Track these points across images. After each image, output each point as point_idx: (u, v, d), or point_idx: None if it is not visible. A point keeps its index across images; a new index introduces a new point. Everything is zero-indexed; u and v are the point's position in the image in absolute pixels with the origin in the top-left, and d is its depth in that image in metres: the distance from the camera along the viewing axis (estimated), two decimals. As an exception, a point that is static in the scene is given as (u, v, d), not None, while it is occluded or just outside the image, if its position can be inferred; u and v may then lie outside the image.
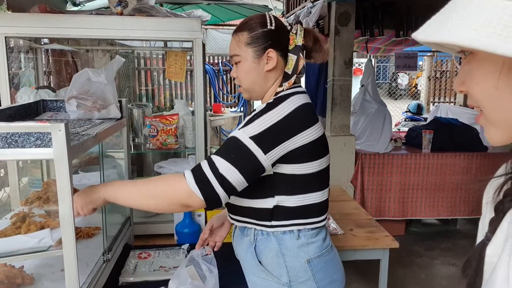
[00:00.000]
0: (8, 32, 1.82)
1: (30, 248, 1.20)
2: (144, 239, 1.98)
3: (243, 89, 1.39)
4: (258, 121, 1.21)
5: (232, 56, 1.36)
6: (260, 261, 1.32)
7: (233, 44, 1.35)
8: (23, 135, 1.10)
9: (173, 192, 1.22)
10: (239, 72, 1.35)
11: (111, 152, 2.02)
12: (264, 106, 1.26)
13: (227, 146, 1.23)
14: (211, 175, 1.17)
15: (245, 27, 1.33)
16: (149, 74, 5.72)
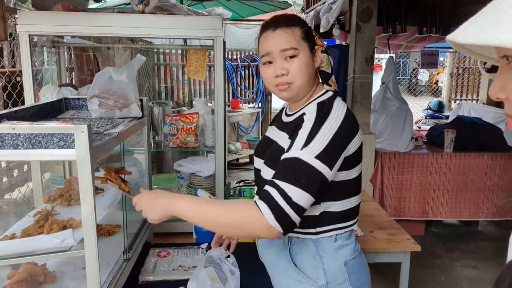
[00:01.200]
0: (31, 30, 1.83)
1: (53, 248, 1.21)
2: (164, 237, 1.98)
3: (295, 87, 1.25)
4: (318, 137, 1.15)
5: (284, 50, 1.23)
6: (295, 263, 1.29)
7: (286, 37, 1.23)
8: (46, 136, 1.10)
9: (252, 228, 1.14)
10: (294, 68, 1.23)
11: (132, 149, 2.02)
12: (315, 115, 1.20)
13: (294, 170, 1.15)
14: (287, 206, 1.11)
15: (294, 22, 1.26)
16: (168, 69, 5.74)
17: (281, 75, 1.24)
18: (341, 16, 4.08)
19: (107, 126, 1.47)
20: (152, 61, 4.97)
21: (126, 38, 2.70)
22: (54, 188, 1.81)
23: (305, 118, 1.22)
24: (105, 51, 3.23)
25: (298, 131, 1.19)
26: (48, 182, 2.02)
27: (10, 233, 1.35)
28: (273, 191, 1.13)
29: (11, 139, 1.09)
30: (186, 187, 2.14)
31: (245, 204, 1.17)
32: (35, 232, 1.30)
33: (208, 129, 2.06)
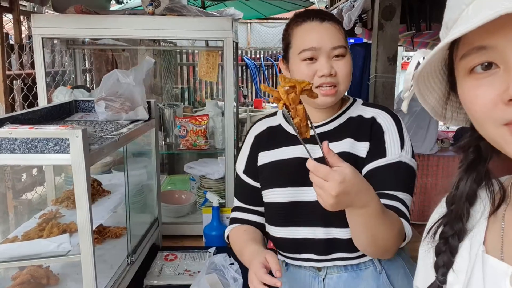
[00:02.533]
0: (44, 33, 1.85)
1: (50, 252, 1.21)
2: (173, 240, 1.98)
3: (340, 91, 1.09)
4: (406, 137, 1.10)
5: (335, 48, 1.06)
6: (394, 286, 1.13)
7: (336, 32, 1.08)
8: (42, 141, 1.10)
9: (399, 242, 1.01)
10: (343, 70, 1.07)
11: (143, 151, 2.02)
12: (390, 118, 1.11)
13: (402, 176, 1.07)
14: (409, 217, 1.04)
15: (336, 19, 1.11)
16: (191, 69, 5.77)
17: (329, 74, 1.05)
18: (364, 14, 3.98)
19: (110, 129, 1.46)
20: (175, 61, 5.00)
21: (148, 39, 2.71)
22: (64, 190, 1.83)
23: (379, 119, 1.11)
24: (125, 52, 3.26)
25: (382, 134, 1.09)
26: (62, 183, 2.04)
27: (14, 235, 1.36)
28: (399, 205, 1.03)
29: (8, 144, 1.10)
30: (197, 189, 2.13)
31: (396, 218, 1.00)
32: (36, 235, 1.30)
33: (218, 131, 2.04)
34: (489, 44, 0.49)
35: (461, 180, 0.64)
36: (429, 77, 0.59)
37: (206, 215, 1.93)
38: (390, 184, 1.05)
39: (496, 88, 0.49)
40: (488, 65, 0.50)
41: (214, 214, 1.88)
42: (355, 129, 1.13)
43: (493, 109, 0.50)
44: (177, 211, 2.07)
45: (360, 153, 1.10)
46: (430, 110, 0.64)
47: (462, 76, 0.54)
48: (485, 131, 0.54)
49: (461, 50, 0.53)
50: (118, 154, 2.17)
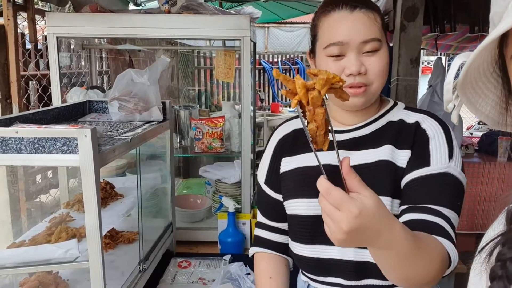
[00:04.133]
0: (59, 32, 1.82)
1: (57, 258, 1.15)
2: (187, 246, 1.91)
3: (372, 91, 0.95)
4: (456, 147, 0.95)
5: (367, 42, 0.92)
6: None
7: (369, 23, 0.92)
8: (49, 140, 1.05)
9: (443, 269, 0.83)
10: (375, 67, 0.93)
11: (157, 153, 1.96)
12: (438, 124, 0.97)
13: (449, 190, 0.91)
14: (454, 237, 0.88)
15: (372, 5, 0.94)
16: (208, 72, 5.74)
17: (358, 73, 0.92)
18: (385, 16, 3.87)
19: (122, 130, 1.40)
20: (192, 65, 4.98)
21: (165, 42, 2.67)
22: (77, 193, 1.78)
23: (425, 124, 0.97)
24: (141, 53, 3.22)
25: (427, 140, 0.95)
26: (76, 185, 2.00)
27: (22, 239, 1.31)
28: (443, 222, 0.87)
29: (15, 143, 1.05)
30: (212, 193, 2.06)
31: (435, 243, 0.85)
32: (44, 240, 1.25)
33: (235, 134, 1.97)
34: None
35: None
36: (478, 83, 0.51)
37: (222, 220, 1.85)
38: (433, 198, 0.89)
39: None
40: None
41: (229, 220, 1.81)
42: (396, 135, 0.98)
43: None
44: (191, 216, 2.00)
45: (399, 163, 0.96)
46: (484, 118, 0.55)
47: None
48: None
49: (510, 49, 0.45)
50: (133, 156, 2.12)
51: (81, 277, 1.43)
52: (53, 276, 1.35)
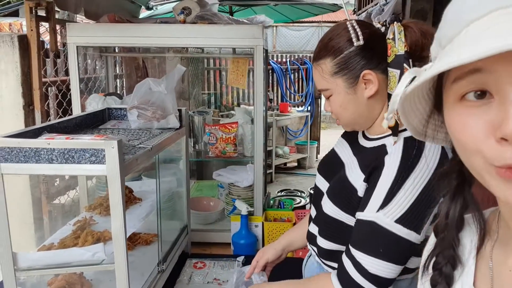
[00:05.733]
0: (78, 41, 1.90)
1: (85, 260, 1.23)
2: (201, 247, 1.98)
3: (343, 123, 1.13)
4: (402, 195, 0.94)
5: (320, 91, 1.12)
6: None
7: (317, 76, 1.10)
8: (79, 151, 1.12)
9: None
10: (334, 108, 1.09)
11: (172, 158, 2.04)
12: (399, 161, 0.97)
13: (368, 236, 0.98)
14: (361, 278, 0.97)
15: (325, 52, 1.05)
16: (218, 73, 5.80)
17: (329, 112, 1.13)
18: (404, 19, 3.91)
19: (143, 138, 1.48)
20: (202, 66, 5.05)
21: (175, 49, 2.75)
22: (97, 196, 1.86)
23: (387, 161, 0.99)
24: (154, 58, 3.30)
25: (377, 180, 0.98)
26: (94, 187, 2.08)
27: (50, 241, 1.39)
28: (347, 263, 1.01)
29: (46, 154, 1.12)
30: (225, 196, 2.13)
31: (322, 281, 1.07)
32: (71, 243, 1.33)
33: (247, 138, 2.03)
34: (484, 67, 0.45)
35: (450, 208, 0.61)
36: (414, 98, 0.55)
37: (235, 223, 1.93)
38: (354, 239, 1.01)
39: (488, 121, 0.45)
40: (482, 93, 0.46)
41: (242, 222, 1.88)
42: (368, 158, 1.06)
43: (483, 143, 0.46)
44: (205, 218, 2.08)
45: (357, 187, 1.05)
46: (411, 129, 0.61)
47: (452, 101, 0.50)
48: (470, 164, 0.50)
49: (453, 73, 0.49)
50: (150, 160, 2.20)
51: (103, 277, 1.50)
52: (78, 276, 1.43)
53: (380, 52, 1.02)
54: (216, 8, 2.06)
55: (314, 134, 6.59)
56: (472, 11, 0.46)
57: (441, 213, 0.63)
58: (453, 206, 0.61)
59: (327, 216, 1.12)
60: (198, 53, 2.87)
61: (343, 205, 1.08)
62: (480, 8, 0.45)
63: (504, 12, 0.44)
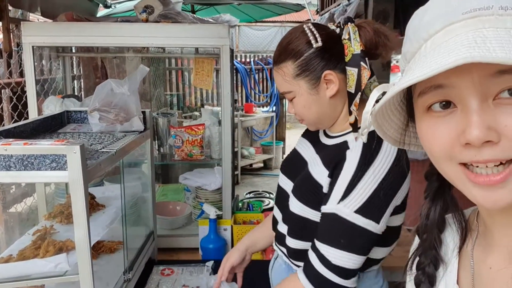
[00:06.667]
0: (35, 41, 1.80)
1: (47, 272, 1.16)
2: (169, 253, 1.93)
3: (308, 123, 1.16)
4: (361, 187, 0.98)
5: (282, 94, 1.15)
6: None
7: (279, 79, 1.11)
8: (38, 157, 1.06)
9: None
10: (298, 109, 1.12)
11: (136, 162, 1.97)
12: (359, 155, 1.01)
13: (330, 228, 1.02)
14: (327, 271, 1.00)
15: (286, 55, 1.08)
16: (180, 73, 5.71)
17: (293, 113, 1.16)
18: (357, 19, 3.97)
19: (105, 142, 1.41)
20: (164, 66, 4.95)
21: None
22: (57, 203, 1.77)
23: (348, 155, 1.03)
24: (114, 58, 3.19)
25: (339, 175, 1.03)
26: (52, 194, 1.98)
27: (8, 253, 1.30)
28: (312, 256, 1.04)
29: (4, 160, 1.05)
30: (192, 200, 2.08)
31: (289, 281, 1.10)
32: (31, 254, 1.25)
33: (215, 141, 2.00)
34: (446, 83, 0.49)
35: (430, 210, 0.65)
36: (387, 111, 0.59)
37: (203, 227, 1.88)
38: (318, 233, 1.05)
39: (453, 129, 0.50)
40: (446, 103, 0.50)
41: (211, 226, 1.84)
42: (331, 155, 1.10)
43: (450, 149, 0.50)
44: (172, 223, 2.02)
45: (322, 183, 1.08)
46: (388, 139, 0.64)
47: (421, 112, 0.54)
48: (442, 170, 0.55)
49: (419, 87, 0.53)
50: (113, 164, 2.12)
51: None
52: None
53: (338, 52, 1.06)
54: (180, 7, 2.01)
55: (280, 135, 6.63)
56: (428, 27, 0.50)
57: (422, 214, 0.65)
58: (433, 208, 0.64)
59: (294, 215, 1.14)
60: (160, 53, 2.79)
61: (308, 201, 1.10)
62: (435, 24, 0.50)
63: (456, 27, 0.48)
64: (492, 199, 0.49)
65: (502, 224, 0.56)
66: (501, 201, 0.49)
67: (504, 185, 0.48)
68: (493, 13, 0.47)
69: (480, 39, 0.45)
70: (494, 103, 0.47)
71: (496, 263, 0.57)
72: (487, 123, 0.46)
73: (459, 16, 0.48)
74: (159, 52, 2.76)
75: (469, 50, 0.43)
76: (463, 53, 0.43)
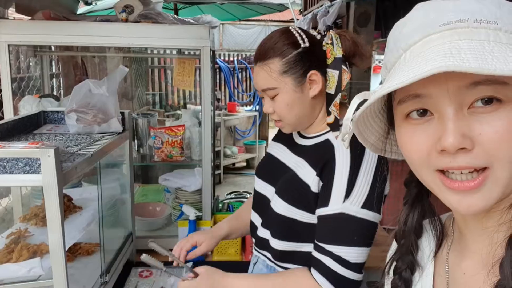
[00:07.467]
0: (11, 40, 1.76)
1: (20, 277, 1.14)
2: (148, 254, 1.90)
3: (287, 124, 1.15)
4: (360, 182, 1.03)
5: (264, 91, 1.13)
6: None
7: (263, 75, 1.11)
8: (11, 161, 1.04)
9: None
10: (278, 107, 1.11)
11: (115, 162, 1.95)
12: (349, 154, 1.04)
13: (341, 228, 1.04)
14: (347, 271, 1.02)
15: (273, 52, 1.10)
16: (162, 72, 5.66)
17: (271, 113, 1.15)
18: (339, 20, 4.00)
19: (82, 143, 1.39)
20: (146, 64, 4.90)
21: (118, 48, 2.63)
22: (33, 205, 1.73)
23: (337, 154, 1.06)
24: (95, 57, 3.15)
25: (333, 174, 1.05)
26: (29, 196, 1.95)
27: (-21, 257, 1.28)
28: (328, 260, 1.04)
29: (-27, 164, 1.03)
30: (172, 201, 2.07)
31: (302, 277, 1.09)
32: (4, 258, 1.23)
33: (195, 142, 1.99)
34: (424, 93, 0.51)
35: (408, 216, 0.67)
36: (368, 118, 0.61)
37: (182, 228, 1.88)
38: (326, 237, 1.06)
39: (430, 136, 0.51)
40: (424, 111, 0.52)
41: (190, 227, 1.83)
42: (317, 155, 1.12)
43: (427, 156, 0.52)
44: (151, 224, 2.01)
45: (309, 182, 1.10)
46: (370, 147, 0.66)
47: (400, 120, 0.56)
48: (420, 176, 0.57)
49: (398, 95, 0.55)
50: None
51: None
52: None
53: (320, 55, 1.12)
54: (161, 7, 1.99)
55: (263, 134, 6.63)
56: (408, 38, 0.53)
57: (400, 220, 0.67)
58: (411, 214, 0.66)
59: (280, 216, 1.14)
60: (141, 52, 2.76)
61: (296, 201, 1.12)
62: (414, 36, 0.52)
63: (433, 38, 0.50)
64: (466, 204, 0.51)
65: (476, 229, 0.58)
66: (474, 207, 0.50)
67: (478, 191, 0.50)
68: (468, 25, 0.49)
69: (455, 50, 0.46)
70: (469, 111, 0.49)
71: (470, 268, 0.59)
72: (461, 131, 0.48)
73: (436, 28, 0.50)
74: (141, 51, 2.73)
75: (444, 59, 0.45)
76: (438, 62, 0.45)
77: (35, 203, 1.83)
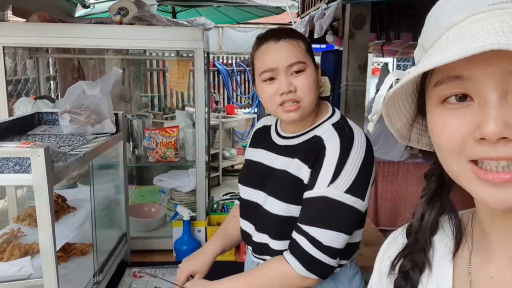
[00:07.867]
0: (6, 42, 1.78)
1: (10, 276, 1.15)
2: (142, 255, 1.92)
3: (304, 106, 1.11)
4: (347, 168, 1.05)
5: (292, 65, 1.09)
6: None
7: (291, 49, 1.10)
8: (1, 160, 1.05)
9: (287, 284, 1.10)
10: (302, 84, 1.09)
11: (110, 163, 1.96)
12: (339, 141, 1.08)
13: (322, 210, 1.06)
14: (318, 252, 1.04)
15: (297, 34, 1.14)
16: (161, 74, 5.69)
17: (288, 92, 1.08)
18: (335, 22, 4.02)
19: (75, 144, 1.40)
20: (145, 67, 4.92)
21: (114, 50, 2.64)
22: (28, 206, 1.74)
23: (327, 144, 1.10)
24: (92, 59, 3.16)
25: (322, 162, 1.08)
26: (24, 197, 1.96)
27: (-28, 257, 1.29)
28: (301, 239, 1.07)
29: (-36, 163, 1.04)
30: (167, 202, 2.08)
31: (275, 262, 1.12)
32: (-4, 257, 1.24)
33: (189, 143, 2.00)
34: (466, 75, 0.46)
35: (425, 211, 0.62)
36: (398, 100, 0.57)
37: (177, 228, 1.89)
38: (304, 218, 1.08)
39: (468, 123, 0.47)
40: (463, 96, 0.48)
41: (185, 228, 1.84)
42: (307, 150, 1.13)
43: (461, 144, 0.48)
44: (146, 225, 2.02)
45: (302, 176, 1.12)
46: (395, 132, 0.61)
47: (434, 104, 0.51)
48: (448, 165, 0.52)
49: (435, 77, 0.50)
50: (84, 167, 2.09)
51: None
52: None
53: None
54: (155, 9, 2.00)
55: (260, 136, 6.63)
56: (452, 16, 0.49)
57: (416, 214, 0.63)
58: (429, 209, 0.62)
59: (277, 216, 1.15)
60: (137, 55, 2.78)
61: (292, 198, 1.13)
62: (459, 13, 0.48)
63: (481, 17, 0.46)
64: (500, 198, 0.47)
65: (503, 228, 0.54)
66: (508, 201, 0.47)
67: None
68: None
69: (507, 29, 0.43)
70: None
71: (498, 272, 0.54)
72: (504, 119, 0.44)
73: (485, 7, 0.46)
74: (137, 53, 2.75)
75: (497, 37, 0.41)
76: (490, 40, 0.41)
77: (30, 204, 1.84)
